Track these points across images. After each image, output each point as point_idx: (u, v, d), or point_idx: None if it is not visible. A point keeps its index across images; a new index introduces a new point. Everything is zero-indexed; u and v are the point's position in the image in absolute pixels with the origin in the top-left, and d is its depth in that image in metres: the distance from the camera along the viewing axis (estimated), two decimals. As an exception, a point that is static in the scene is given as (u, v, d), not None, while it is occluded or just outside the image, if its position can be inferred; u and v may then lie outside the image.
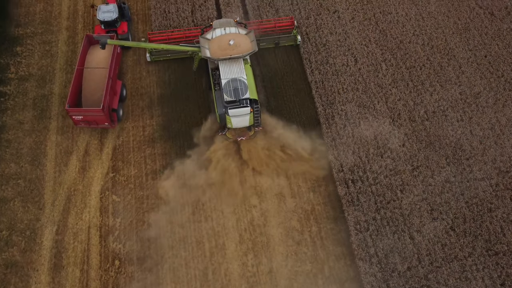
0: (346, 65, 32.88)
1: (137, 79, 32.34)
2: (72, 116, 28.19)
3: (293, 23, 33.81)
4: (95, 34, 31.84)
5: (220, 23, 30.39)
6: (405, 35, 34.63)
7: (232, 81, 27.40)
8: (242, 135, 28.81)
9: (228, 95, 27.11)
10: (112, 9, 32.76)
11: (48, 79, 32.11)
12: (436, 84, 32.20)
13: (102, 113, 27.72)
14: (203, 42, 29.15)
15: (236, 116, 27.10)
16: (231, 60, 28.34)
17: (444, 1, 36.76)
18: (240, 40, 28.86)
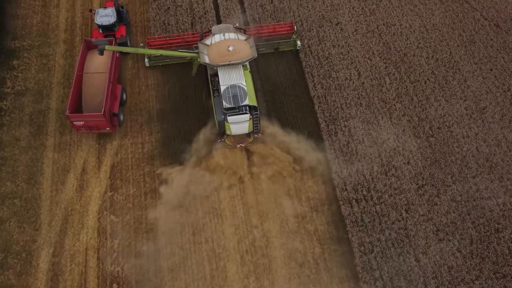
0: (349, 79, 32.23)
1: (135, 94, 31.69)
2: (73, 122, 27.85)
3: (293, 28, 33.37)
4: (93, 39, 31.41)
5: (219, 29, 30.06)
6: (409, 48, 33.99)
7: (231, 88, 27.04)
8: (242, 141, 28.50)
9: (227, 102, 26.74)
10: (110, 13, 32.32)
11: (45, 94, 31.45)
12: (441, 98, 31.56)
13: (104, 118, 27.42)
14: (202, 48, 28.74)
15: (235, 123, 26.76)
16: (230, 66, 28.01)
17: (449, 12, 36.13)
18: (240, 46, 28.46)
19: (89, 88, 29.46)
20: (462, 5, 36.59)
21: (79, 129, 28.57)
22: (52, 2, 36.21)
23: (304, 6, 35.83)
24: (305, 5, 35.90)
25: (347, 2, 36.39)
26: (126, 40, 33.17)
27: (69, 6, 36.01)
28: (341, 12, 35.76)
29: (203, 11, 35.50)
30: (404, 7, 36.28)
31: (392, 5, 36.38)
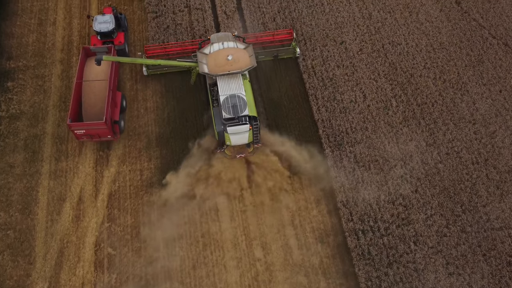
0: (354, 101, 31.26)
1: (134, 117, 30.70)
2: (74, 131, 27.33)
3: (292, 35, 32.57)
4: (92, 46, 30.84)
5: (218, 37, 29.52)
6: (415, 68, 33.02)
7: (231, 98, 26.46)
8: (241, 152, 27.93)
9: (226, 112, 26.18)
10: (108, 19, 31.67)
11: (40, 117, 30.47)
12: (449, 122, 30.59)
13: (105, 126, 26.98)
14: (201, 57, 28.19)
15: (235, 133, 26.23)
16: (230, 75, 27.45)
17: (456, 30, 35.16)
18: (239, 55, 27.93)
19: (89, 95, 28.93)
20: (469, 23, 35.64)
21: (80, 138, 28.04)
22: (48, 20, 35.23)
23: (308, 25, 34.86)
24: (308, 23, 34.93)
25: (352, 20, 35.43)
26: (125, 47, 32.48)
27: (66, 24, 35.02)
28: (345, 30, 34.78)
29: (204, 30, 34.53)
30: (410, 25, 35.32)
31: (397, 23, 35.41)
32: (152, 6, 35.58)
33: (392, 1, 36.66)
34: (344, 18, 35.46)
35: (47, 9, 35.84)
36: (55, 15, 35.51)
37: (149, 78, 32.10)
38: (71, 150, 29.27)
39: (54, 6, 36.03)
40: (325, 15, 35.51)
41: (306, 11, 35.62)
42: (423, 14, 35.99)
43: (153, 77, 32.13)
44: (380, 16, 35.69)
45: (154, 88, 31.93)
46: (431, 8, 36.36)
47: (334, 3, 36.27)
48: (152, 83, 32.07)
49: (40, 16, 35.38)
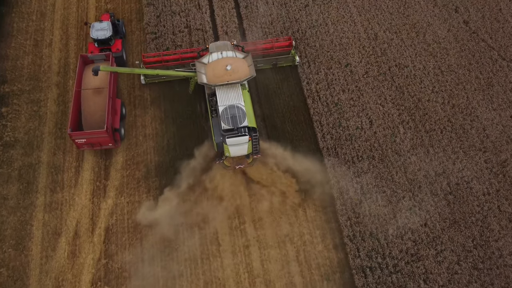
0: (360, 128, 30.21)
1: (133, 145, 29.63)
2: (75, 140, 27.08)
3: (291, 43, 31.99)
4: (89, 54, 30.46)
5: (216, 46, 29.17)
6: (423, 93, 31.97)
7: (230, 108, 26.06)
8: (240, 162, 27.50)
9: (225, 123, 25.75)
10: (105, 26, 31.29)
11: (35, 145, 29.40)
12: (459, 150, 29.54)
13: (106, 134, 26.75)
14: (199, 67, 27.80)
15: (234, 145, 25.78)
16: (228, 85, 27.05)
17: (464, 52, 34.12)
18: (237, 65, 27.58)
19: (88, 104, 28.50)
20: (478, 43, 34.59)
21: (81, 147, 27.81)
22: (44, 41, 34.16)
23: (311, 46, 33.81)
24: (312, 45, 33.88)
25: (357, 40, 34.38)
26: (122, 54, 31.94)
27: (62, 45, 33.95)
28: (350, 52, 33.73)
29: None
30: (417, 46, 34.28)
31: (404, 44, 34.37)
32: (151, 26, 34.53)
33: (398, 20, 35.62)
34: (349, 39, 34.42)
35: (43, 29, 34.79)
36: (51, 36, 34.46)
37: (148, 95, 31.16)
38: (67, 180, 28.21)
39: (50, 26, 34.97)
40: (329, 36, 34.46)
41: (310, 32, 34.57)
42: (431, 34, 34.95)
43: (153, 95, 31.08)
44: (386, 37, 34.65)
45: (153, 113, 30.88)
46: (439, 28, 35.32)
47: (339, 23, 35.24)
48: (151, 109, 31.01)
49: (36, 37, 34.32)
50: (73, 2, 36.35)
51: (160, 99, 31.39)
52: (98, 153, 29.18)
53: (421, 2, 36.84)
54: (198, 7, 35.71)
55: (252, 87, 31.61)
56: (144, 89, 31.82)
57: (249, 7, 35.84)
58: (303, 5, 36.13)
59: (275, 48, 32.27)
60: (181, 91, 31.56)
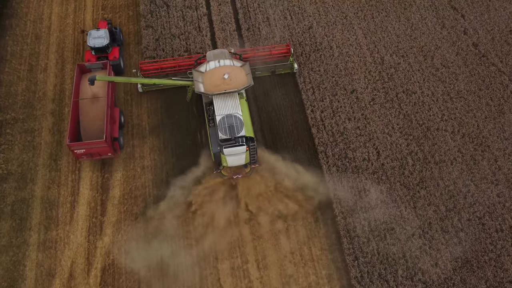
0: (367, 159, 29.05)
1: (130, 177, 28.47)
2: (73, 151, 26.81)
3: (290, 50, 31.61)
4: (86, 63, 30.25)
5: (214, 54, 29.00)
6: (432, 121, 30.81)
7: (227, 118, 25.96)
8: (238, 172, 27.23)
9: (223, 133, 25.65)
10: (103, 34, 31.03)
11: (29, 179, 28.24)
12: (470, 183, 28.38)
13: (106, 144, 26.52)
14: (197, 76, 27.58)
15: (231, 155, 25.61)
16: (226, 94, 26.93)
17: (474, 77, 32.97)
18: (235, 73, 27.36)
19: (87, 113, 28.17)
20: (488, 68, 33.44)
21: (80, 157, 27.56)
22: (39, 65, 33.01)
23: (316, 71, 32.66)
24: (316, 69, 32.72)
25: (363, 65, 33.23)
26: (120, 62, 31.70)
27: (58, 70, 32.80)
28: (356, 77, 32.57)
29: (205, 77, 32.27)
30: (425, 71, 33.12)
31: (412, 68, 33.21)
32: (150, 50, 33.39)
33: (405, 43, 34.46)
34: (355, 63, 33.27)
35: (38, 53, 33.64)
36: (47, 60, 33.32)
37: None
38: (62, 216, 27.07)
39: (45, 50, 33.83)
40: (334, 60, 33.31)
41: (314, 56, 33.42)
42: (439, 58, 33.79)
43: (151, 123, 30.03)
44: (393, 61, 33.50)
45: (152, 143, 29.72)
46: (447, 52, 34.16)
47: (344, 46, 34.08)
48: (150, 139, 29.86)
49: (31, 62, 33.18)
50: (69, 24, 35.22)
51: (159, 128, 30.30)
52: (95, 187, 28.06)
53: (429, 23, 35.70)
54: (199, 30, 34.58)
55: (253, 112, 30.50)
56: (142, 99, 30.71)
57: (251, 29, 34.72)
58: (306, 27, 34.99)
59: (273, 55, 31.74)
60: (180, 120, 30.45)
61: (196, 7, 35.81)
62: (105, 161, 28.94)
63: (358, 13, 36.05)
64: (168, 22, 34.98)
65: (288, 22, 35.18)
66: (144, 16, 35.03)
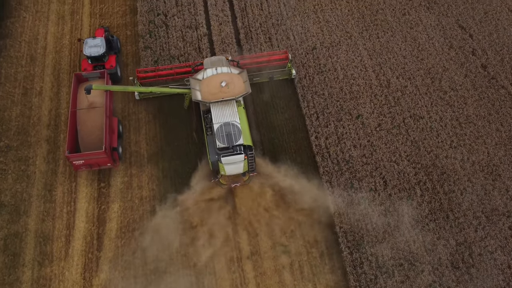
0: (374, 189, 27.99)
1: (128, 209, 27.40)
2: (72, 162, 26.58)
3: (288, 56, 31.44)
4: (83, 72, 29.85)
5: (211, 61, 28.72)
6: (441, 148, 29.75)
7: (225, 126, 25.69)
8: (236, 180, 27.13)
9: (220, 141, 25.38)
10: (99, 43, 30.72)
11: (22, 211, 27.18)
12: (481, 215, 27.32)
13: (105, 155, 26.26)
14: (194, 83, 27.34)
15: (229, 163, 25.44)
16: (223, 102, 26.70)
17: (483, 100, 31.92)
18: (233, 81, 27.05)
19: (85, 123, 27.87)
20: (498, 90, 32.40)
21: (79, 168, 27.34)
22: (34, 89, 31.95)
23: (320, 94, 31.60)
24: (320, 93, 31.66)
25: (368, 88, 32.18)
26: (117, 70, 31.32)
27: (53, 94, 31.73)
28: (361, 101, 31.51)
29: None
30: (432, 94, 32.06)
31: (419, 91, 32.15)
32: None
33: (412, 65, 33.41)
34: (360, 86, 32.21)
35: (33, 75, 32.59)
36: (42, 83, 32.26)
37: (145, 151, 28.98)
38: (57, 251, 26.00)
39: (40, 72, 32.78)
40: (338, 83, 32.26)
41: (318, 78, 32.37)
42: (447, 80, 32.74)
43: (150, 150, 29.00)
44: (400, 84, 32.45)
45: (151, 172, 28.66)
46: (455, 74, 33.11)
47: (349, 68, 33.03)
48: (149, 167, 28.80)
49: (25, 85, 32.12)
50: (66, 45, 34.17)
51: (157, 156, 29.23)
52: (91, 220, 27.00)
53: (436, 44, 34.64)
54: (199, 51, 33.55)
55: (256, 142, 29.50)
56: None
57: (252, 50, 33.67)
58: (310, 47, 33.93)
59: (271, 62, 31.49)
60: (180, 147, 29.41)
61: (196, 27, 34.78)
62: (102, 191, 27.92)
63: (363, 33, 35.01)
64: (168, 42, 33.95)
65: (291, 43, 34.13)
66: (143, 37, 34.01)
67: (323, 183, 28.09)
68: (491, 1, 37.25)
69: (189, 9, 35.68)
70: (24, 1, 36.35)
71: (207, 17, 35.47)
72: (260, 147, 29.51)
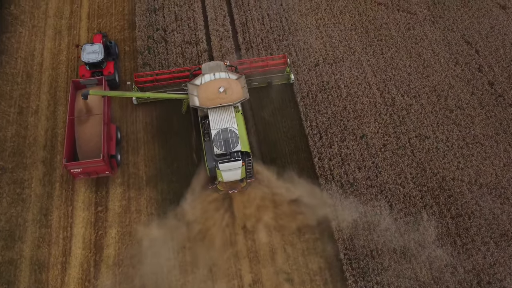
0: (379, 214, 27.20)
1: (126, 235, 26.59)
2: (70, 170, 26.35)
3: (286, 61, 31.51)
4: (81, 79, 29.63)
5: (209, 66, 28.66)
6: (447, 170, 28.97)
7: (223, 132, 25.44)
8: (234, 187, 26.71)
9: (218, 148, 25.10)
10: (97, 49, 30.45)
11: (17, 236, 26.40)
12: (490, 240, 26.54)
13: (103, 163, 26.05)
14: (192, 89, 27.14)
15: (227, 170, 25.14)
16: (221, 108, 26.45)
17: (491, 119, 31.14)
18: (231, 87, 26.86)
19: (83, 131, 27.54)
20: (505, 109, 31.62)
21: (77, 176, 27.14)
22: (30, 107, 31.19)
23: (323, 113, 30.84)
24: (323, 112, 30.90)
25: (373, 106, 31.41)
26: (115, 77, 31.13)
27: (50, 113, 30.97)
28: (365, 120, 30.74)
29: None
30: (438, 113, 31.29)
31: (424, 110, 31.38)
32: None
33: (417, 82, 32.65)
34: (364, 104, 31.44)
35: (29, 93, 31.83)
36: (38, 101, 31.50)
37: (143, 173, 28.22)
38: (52, 279, 25.23)
39: (36, 90, 32.02)
40: (342, 101, 31.50)
41: (321, 96, 31.61)
42: (453, 98, 31.97)
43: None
44: (405, 102, 31.67)
45: (149, 195, 27.85)
46: (461, 91, 32.34)
47: (352, 85, 32.26)
48: (147, 190, 28.03)
49: (21, 103, 31.36)
50: (62, 61, 33.43)
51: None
52: (87, 246, 26.22)
53: (441, 60, 33.88)
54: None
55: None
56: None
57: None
58: (312, 64, 33.18)
59: (269, 66, 31.64)
60: (180, 168, 28.64)
61: (196, 42, 34.02)
62: (99, 215, 27.18)
63: (366, 49, 34.25)
64: (167, 59, 33.21)
65: (293, 59, 33.36)
66: (141, 53, 33.25)
67: (327, 207, 27.29)
68: (497, 15, 36.49)
69: (188, 24, 34.94)
70: (21, 15, 35.59)
71: (207, 32, 34.73)
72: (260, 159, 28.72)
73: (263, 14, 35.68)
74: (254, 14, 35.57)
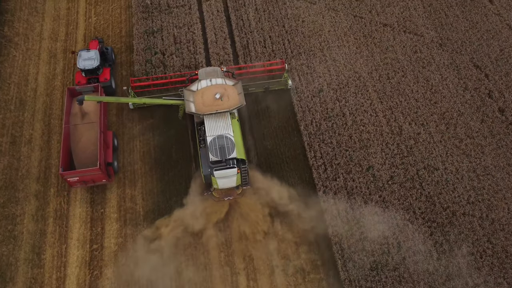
0: (387, 253, 26.03)
1: (122, 275, 25.42)
2: (67, 179, 26.04)
3: (284, 66, 31.31)
4: (77, 86, 29.19)
5: (206, 72, 28.47)
6: (457, 204, 27.80)
7: (218, 139, 25.39)
8: (229, 194, 26.54)
9: (213, 155, 25.04)
10: (93, 56, 30.20)
11: (8, 277, 25.25)
12: (503, 281, 25.38)
13: (100, 171, 25.75)
14: (188, 95, 27.03)
15: (222, 177, 25.16)
16: (217, 114, 26.38)
17: (502, 149, 29.96)
18: (227, 93, 26.65)
19: (80, 139, 27.17)
20: (517, 138, 30.46)
21: (74, 185, 26.75)
22: (23, 137, 30.03)
23: (327, 143, 29.66)
24: (328, 142, 29.72)
25: (379, 135, 30.23)
26: (111, 83, 30.84)
27: (44, 143, 29.82)
28: (372, 151, 29.56)
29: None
30: (447, 142, 30.11)
31: (433, 139, 30.20)
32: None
33: (425, 109, 31.47)
34: (370, 133, 30.27)
35: (22, 122, 30.68)
36: (31, 130, 30.34)
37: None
38: (45, 324, 24.07)
39: (30, 117, 30.86)
40: (347, 130, 30.32)
41: (326, 125, 30.44)
42: (462, 126, 30.78)
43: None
44: (412, 130, 30.50)
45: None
46: (471, 119, 31.16)
47: (357, 113, 31.09)
48: (144, 225, 26.87)
49: (14, 132, 30.20)
50: (57, 87, 32.27)
51: (154, 214, 27.28)
52: (82, 287, 25.01)
53: (450, 85, 32.69)
54: (198, 94, 31.53)
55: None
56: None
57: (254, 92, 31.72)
58: (316, 89, 32.00)
59: (267, 72, 31.55)
60: (177, 201, 27.50)
61: (195, 66, 32.83)
62: (94, 254, 26.03)
63: (372, 73, 33.08)
64: (165, 84, 32.00)
65: (296, 84, 32.20)
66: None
67: (333, 245, 26.10)
68: (507, 36, 35.31)
69: (188, 47, 33.77)
70: (14, 38, 34.44)
71: (207, 55, 33.59)
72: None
73: (265, 37, 34.50)
74: (255, 37, 34.39)
